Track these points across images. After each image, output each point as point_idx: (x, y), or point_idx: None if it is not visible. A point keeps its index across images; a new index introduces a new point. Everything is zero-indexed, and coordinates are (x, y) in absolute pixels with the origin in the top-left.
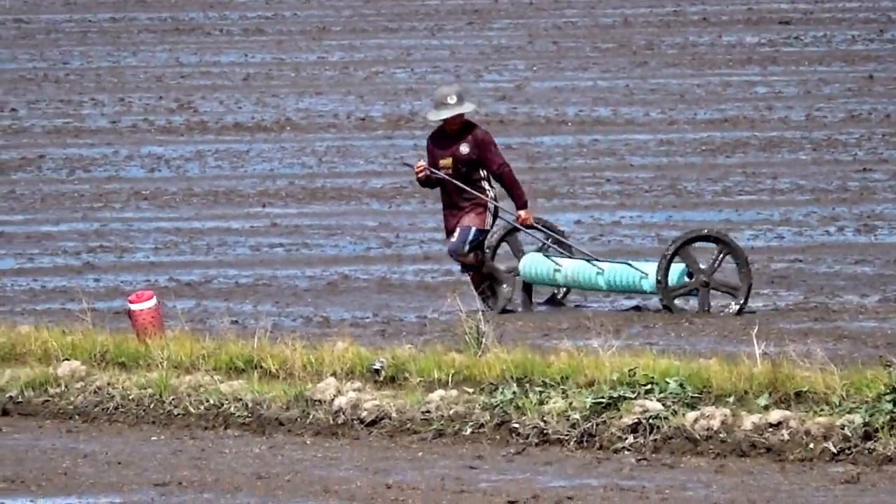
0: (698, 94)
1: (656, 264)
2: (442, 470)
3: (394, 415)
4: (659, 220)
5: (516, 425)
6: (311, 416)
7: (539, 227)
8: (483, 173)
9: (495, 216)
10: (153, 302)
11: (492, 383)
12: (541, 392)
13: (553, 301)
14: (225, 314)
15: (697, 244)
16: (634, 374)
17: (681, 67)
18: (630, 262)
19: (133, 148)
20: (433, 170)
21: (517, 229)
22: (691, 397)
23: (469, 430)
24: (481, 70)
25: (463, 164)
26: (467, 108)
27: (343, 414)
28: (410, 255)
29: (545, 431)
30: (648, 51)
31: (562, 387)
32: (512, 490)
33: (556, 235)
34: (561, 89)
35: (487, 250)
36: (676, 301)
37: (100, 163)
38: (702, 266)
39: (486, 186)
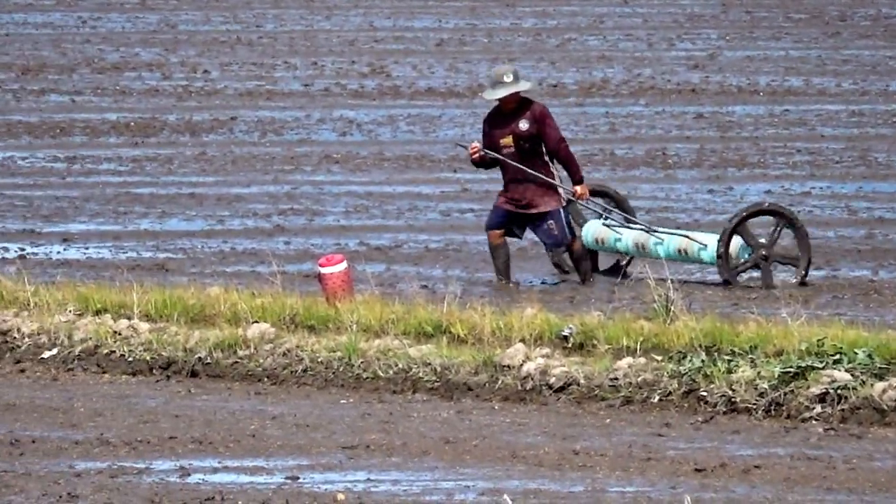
0: (891, 65)
1: (716, 237)
2: (629, 437)
3: (582, 381)
4: (849, 191)
5: (704, 393)
6: (499, 382)
7: (594, 201)
8: (543, 149)
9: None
10: (343, 265)
11: (680, 351)
12: (729, 361)
13: (616, 270)
14: (414, 279)
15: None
16: (823, 344)
17: (873, 39)
18: (689, 233)
19: (325, 111)
20: (487, 151)
21: (572, 201)
22: (879, 368)
23: (657, 398)
24: (673, 38)
25: (525, 141)
26: (524, 86)
27: (531, 380)
28: None
29: (733, 400)
30: (841, 21)
31: (750, 356)
32: (699, 458)
33: (613, 209)
34: (753, 59)
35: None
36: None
37: (291, 126)
38: (761, 241)
39: (548, 161)
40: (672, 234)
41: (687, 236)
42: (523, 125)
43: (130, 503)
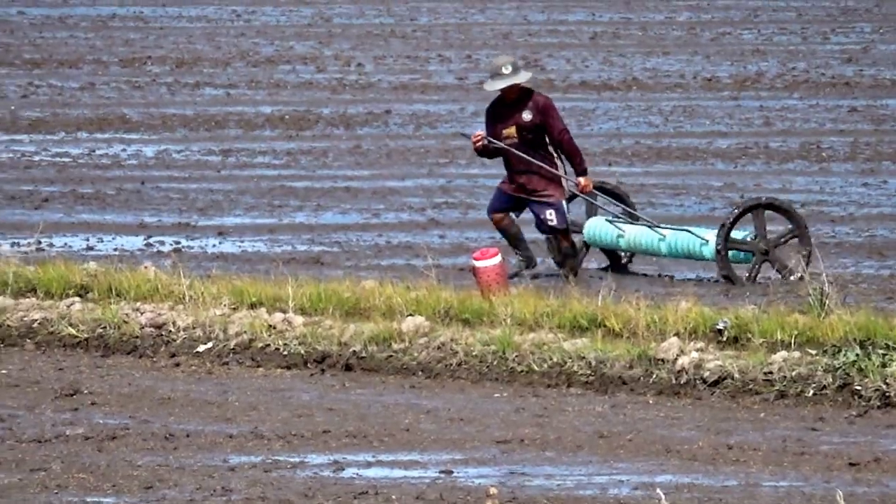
0: None
1: (716, 231)
2: (783, 431)
3: (736, 375)
4: None
5: (858, 388)
6: (653, 376)
7: (597, 193)
8: (547, 139)
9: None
10: (498, 259)
11: (834, 345)
12: (884, 355)
13: (617, 266)
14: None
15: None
16: None
17: None
18: (690, 228)
19: (479, 105)
20: (492, 140)
21: (575, 196)
22: None
23: (811, 392)
24: (827, 32)
25: (528, 131)
26: (522, 78)
27: (686, 373)
28: None
29: (887, 394)
30: None
31: None
32: (853, 453)
33: (616, 203)
34: None
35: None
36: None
37: (446, 119)
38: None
39: (553, 152)
40: (675, 229)
41: (689, 231)
42: (526, 116)
43: (284, 498)
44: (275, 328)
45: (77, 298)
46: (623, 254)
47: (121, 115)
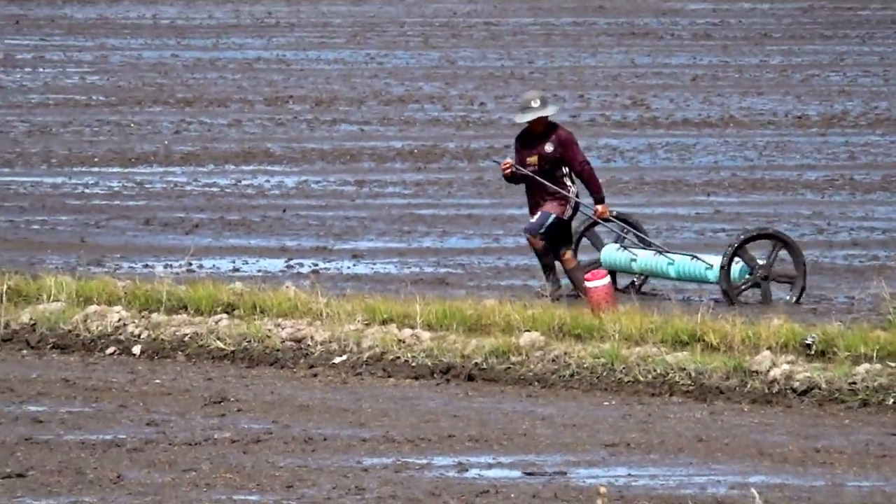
0: None
1: (720, 258)
2: (866, 436)
3: (823, 385)
4: None
5: None
6: (748, 386)
7: (615, 220)
8: (565, 170)
9: (575, 210)
10: (607, 280)
11: None
12: None
13: (632, 287)
14: (671, 291)
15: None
16: None
17: None
18: (697, 254)
19: (591, 140)
20: (519, 167)
21: (596, 223)
22: None
23: (892, 401)
24: None
25: (547, 162)
26: (550, 111)
27: (777, 384)
28: (840, 241)
29: None
30: None
31: None
32: None
33: (631, 229)
34: None
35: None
36: (740, 297)
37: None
38: (760, 262)
39: (568, 182)
40: (682, 255)
41: (696, 257)
42: (549, 147)
43: (413, 496)
44: (404, 342)
45: (224, 315)
46: (636, 277)
47: (265, 149)
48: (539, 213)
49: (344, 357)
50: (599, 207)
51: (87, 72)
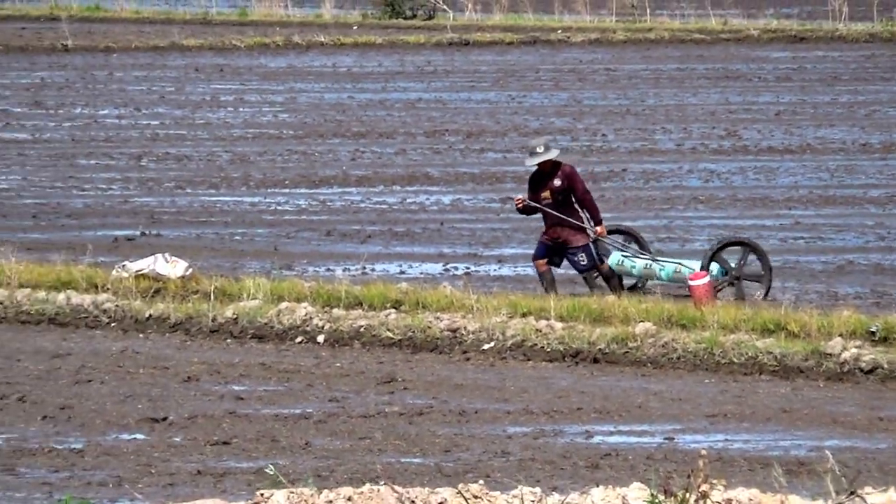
0: None
1: (699, 263)
2: None
3: (885, 365)
4: None
5: None
6: (823, 366)
7: (616, 233)
8: (573, 199)
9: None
10: (707, 279)
11: None
12: None
13: (635, 288)
14: (760, 288)
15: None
16: None
17: None
18: (682, 261)
19: (692, 164)
20: (531, 202)
21: (597, 241)
22: None
23: None
24: None
25: (558, 194)
26: (553, 154)
27: (847, 364)
28: None
29: None
30: None
31: None
32: None
33: (624, 242)
34: None
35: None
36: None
37: (667, 175)
38: (732, 264)
39: (578, 209)
40: (670, 261)
41: (680, 263)
42: (557, 182)
43: (548, 458)
44: (540, 331)
45: (393, 310)
46: (638, 281)
47: (425, 172)
48: (577, 253)
49: (491, 344)
50: (598, 228)
51: (279, 110)
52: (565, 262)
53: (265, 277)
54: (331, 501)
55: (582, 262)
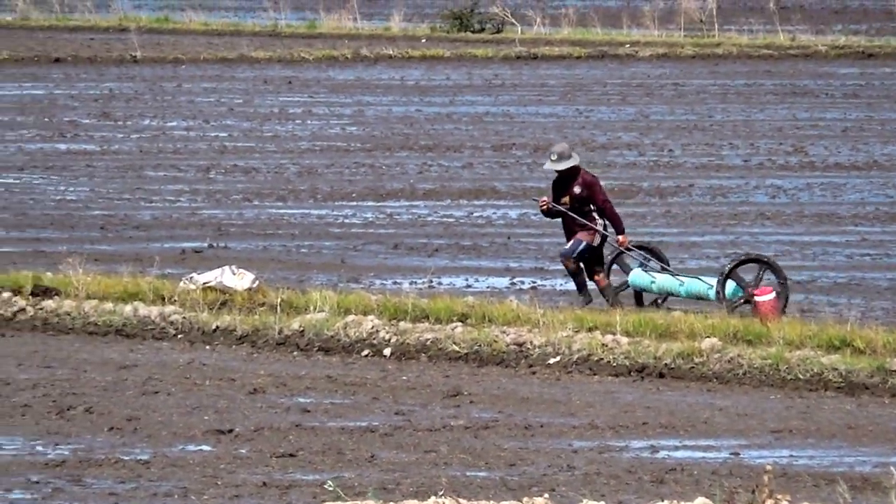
0: None
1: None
2: None
3: None
4: None
5: None
6: (888, 383)
7: (636, 248)
8: (592, 207)
9: (604, 239)
10: (772, 295)
11: None
12: None
13: (655, 303)
14: (825, 305)
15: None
16: None
17: None
18: (700, 277)
19: (759, 180)
20: (554, 204)
21: (622, 252)
22: None
23: None
24: None
25: (577, 200)
26: (574, 161)
27: None
28: None
29: None
30: None
31: None
32: None
33: (646, 255)
34: None
35: (605, 268)
36: (737, 310)
37: (734, 191)
38: (749, 281)
39: (596, 217)
40: (690, 277)
41: (699, 279)
42: (577, 189)
43: (613, 473)
44: (606, 346)
45: (459, 323)
46: (658, 296)
47: (492, 186)
48: (572, 240)
49: (557, 358)
50: (620, 238)
51: (347, 123)
52: (614, 267)
53: (332, 290)
54: None
55: (565, 247)
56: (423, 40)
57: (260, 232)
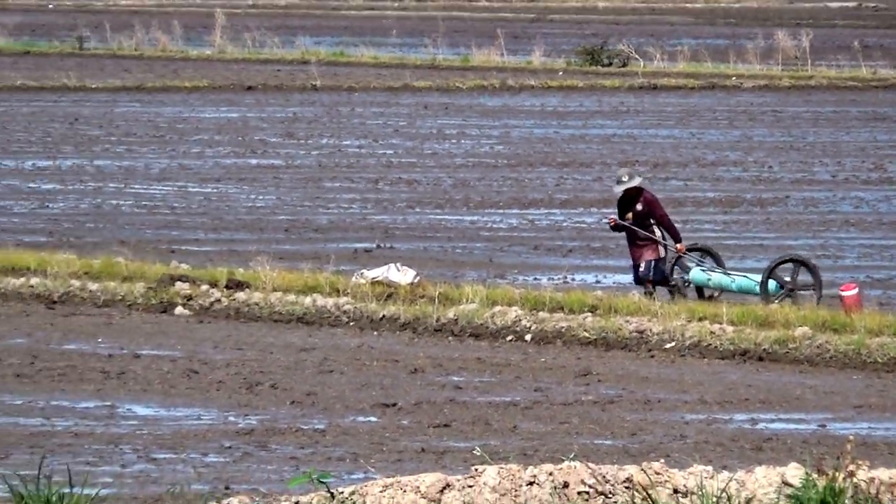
0: None
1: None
2: None
3: None
4: None
5: None
6: None
7: (695, 250)
8: (652, 221)
9: (666, 249)
10: (856, 290)
11: None
12: None
13: (710, 298)
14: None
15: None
16: None
17: None
18: (748, 275)
19: (845, 192)
20: (620, 221)
21: (680, 257)
22: None
23: None
24: None
25: (639, 216)
26: (636, 182)
27: None
28: None
29: None
30: None
31: None
32: None
33: (702, 258)
34: None
35: (667, 272)
36: (776, 302)
37: (824, 202)
38: (787, 279)
39: (656, 230)
40: (740, 275)
41: (747, 276)
42: (639, 206)
43: (719, 441)
44: (714, 333)
45: (589, 313)
46: (714, 291)
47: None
48: (643, 263)
49: (672, 343)
50: (678, 245)
51: (495, 143)
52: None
53: (481, 285)
54: (535, 476)
55: (641, 271)
56: (560, 73)
57: (420, 235)
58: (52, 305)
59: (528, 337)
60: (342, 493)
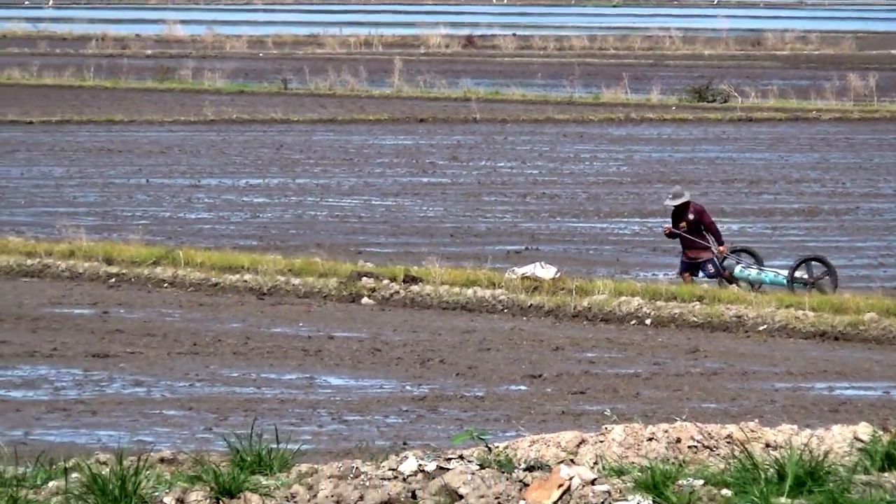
0: None
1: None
2: None
3: None
4: None
5: None
6: None
7: (735, 252)
8: (702, 227)
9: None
10: None
11: None
12: None
13: (753, 289)
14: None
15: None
16: None
17: None
18: (777, 271)
19: None
20: (674, 230)
21: (725, 258)
22: None
23: None
24: None
25: (691, 225)
26: (687, 197)
27: None
28: None
29: None
30: None
31: None
32: None
33: (739, 257)
34: None
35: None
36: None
37: (888, 212)
38: (805, 276)
39: (707, 234)
40: (772, 270)
41: (777, 272)
42: (690, 216)
43: (802, 405)
44: (798, 318)
45: (697, 302)
46: (753, 284)
47: (720, 208)
48: (703, 266)
49: (764, 326)
50: (721, 248)
51: (620, 164)
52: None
53: (610, 279)
54: (653, 433)
55: (710, 271)
56: (673, 108)
57: (560, 239)
58: (262, 296)
59: (647, 321)
60: (497, 447)
